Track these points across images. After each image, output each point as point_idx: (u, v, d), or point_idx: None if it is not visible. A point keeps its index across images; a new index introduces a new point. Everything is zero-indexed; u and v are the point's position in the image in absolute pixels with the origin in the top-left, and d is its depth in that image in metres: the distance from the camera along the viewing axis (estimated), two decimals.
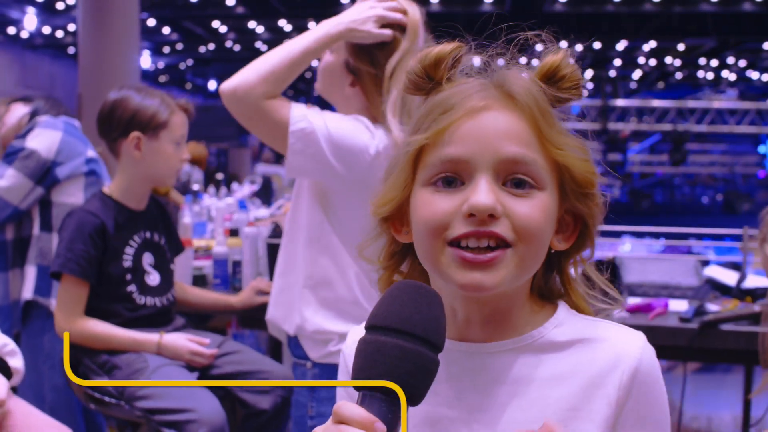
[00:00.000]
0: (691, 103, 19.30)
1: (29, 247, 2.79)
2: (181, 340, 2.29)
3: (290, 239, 1.95)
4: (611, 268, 2.74)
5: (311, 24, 15.11)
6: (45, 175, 2.70)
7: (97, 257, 2.27)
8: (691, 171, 24.94)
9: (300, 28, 15.20)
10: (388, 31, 1.82)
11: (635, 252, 4.92)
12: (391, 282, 0.99)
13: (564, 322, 0.94)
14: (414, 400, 0.77)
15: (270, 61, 1.78)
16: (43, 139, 2.71)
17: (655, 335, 2.58)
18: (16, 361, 1.80)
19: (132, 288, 2.32)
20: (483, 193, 0.84)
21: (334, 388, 1.86)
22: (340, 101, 1.96)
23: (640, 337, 0.93)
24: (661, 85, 21.08)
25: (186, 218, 4.85)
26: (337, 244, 1.87)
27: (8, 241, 2.82)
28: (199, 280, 3.08)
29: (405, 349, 0.76)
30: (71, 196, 2.75)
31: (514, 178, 0.86)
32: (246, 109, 1.77)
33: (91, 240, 2.26)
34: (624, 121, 19.33)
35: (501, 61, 0.96)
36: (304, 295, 1.88)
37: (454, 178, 0.87)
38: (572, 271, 0.97)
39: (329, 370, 1.89)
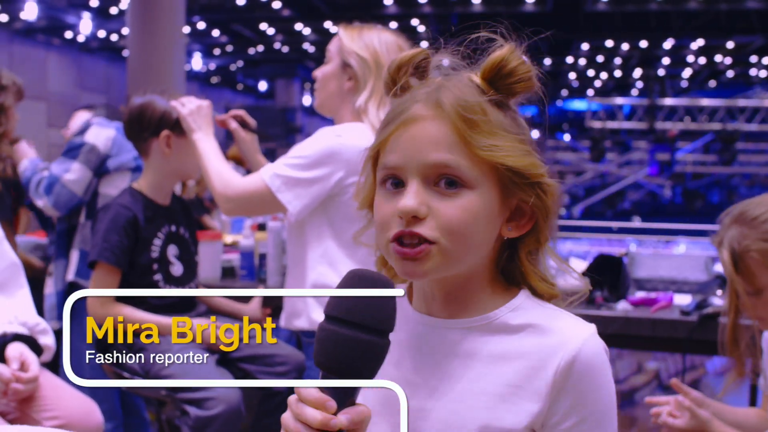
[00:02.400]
0: (741, 102, 18.97)
1: (75, 233, 3.04)
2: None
3: (294, 249, 2.20)
4: (615, 264, 2.86)
5: (356, 25, 15.26)
6: (99, 167, 2.95)
7: (129, 247, 2.47)
8: (747, 171, 24.44)
9: None
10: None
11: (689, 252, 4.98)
12: (386, 262, 1.08)
13: (520, 308, 1.01)
14: (364, 375, 0.89)
15: (214, 182, 2.20)
16: (100, 134, 2.97)
17: (656, 327, 2.69)
18: (47, 339, 2.00)
19: (158, 277, 2.51)
20: (409, 197, 0.96)
21: None
22: (337, 103, 2.22)
23: (588, 328, 0.99)
24: (712, 83, 20.76)
25: (224, 215, 5.09)
26: (336, 251, 2.09)
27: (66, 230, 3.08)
28: (228, 272, 3.28)
29: (339, 335, 0.88)
30: (117, 188, 2.96)
31: (445, 179, 0.97)
32: (242, 210, 2.27)
33: (124, 231, 2.45)
34: (672, 120, 19.11)
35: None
36: (308, 301, 2.13)
37: (399, 180, 0.99)
38: (547, 257, 1.04)
39: None
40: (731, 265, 1.76)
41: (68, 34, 15.02)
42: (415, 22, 13.22)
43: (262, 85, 22.15)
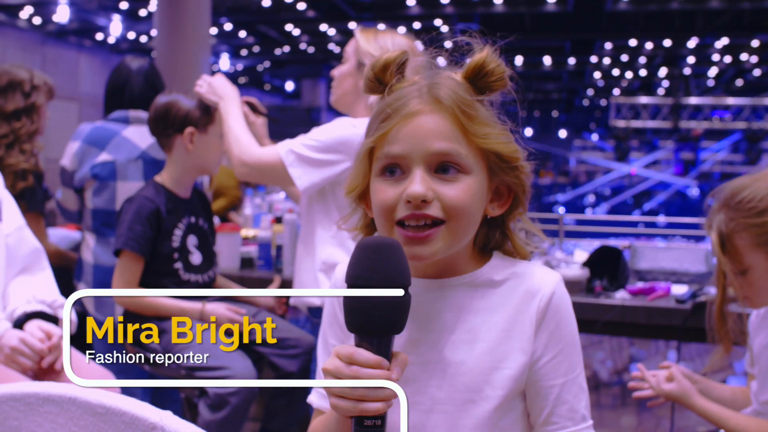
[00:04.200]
0: (767, 101, 18.82)
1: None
2: (220, 309, 2.63)
3: (306, 230, 2.35)
4: (615, 255, 2.98)
5: (380, 26, 15.41)
6: (72, 183, 3.10)
7: (152, 237, 2.63)
8: None
9: None
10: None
11: None
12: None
13: (498, 266, 1.18)
14: (396, 328, 0.96)
15: (232, 145, 2.39)
16: (66, 154, 3.09)
17: (652, 315, 2.81)
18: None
19: (178, 265, 2.68)
20: (417, 184, 1.07)
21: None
22: (352, 99, 2.40)
23: (556, 275, 1.17)
24: (739, 82, 20.62)
25: (247, 209, 5.27)
26: (345, 232, 2.25)
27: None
28: (247, 263, 3.45)
29: (366, 300, 0.94)
30: (89, 200, 3.08)
31: (443, 166, 1.09)
32: (254, 177, 2.43)
33: (148, 222, 2.62)
34: (696, 119, 19.00)
35: (441, 60, 1.19)
36: (319, 278, 2.27)
37: (395, 168, 1.10)
38: (512, 225, 1.21)
39: None
40: (719, 246, 1.87)
41: (99, 36, 15.35)
42: (438, 22, 13.33)
43: (289, 86, 22.36)
